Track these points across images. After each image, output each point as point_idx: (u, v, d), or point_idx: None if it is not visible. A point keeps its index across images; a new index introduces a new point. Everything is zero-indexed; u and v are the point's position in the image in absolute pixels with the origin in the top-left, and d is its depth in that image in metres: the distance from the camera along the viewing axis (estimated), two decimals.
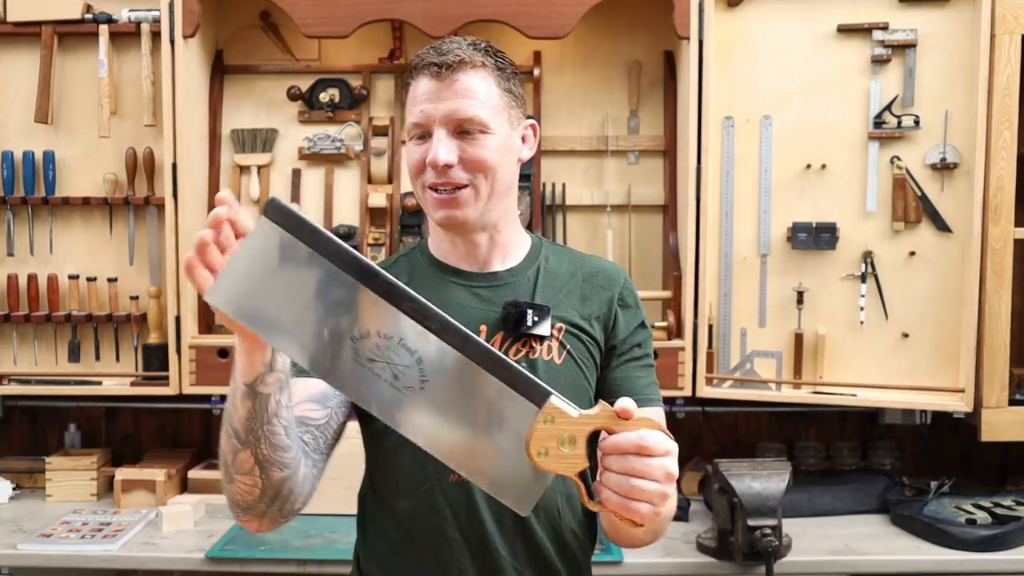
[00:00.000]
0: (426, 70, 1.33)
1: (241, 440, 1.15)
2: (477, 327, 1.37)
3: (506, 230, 1.44)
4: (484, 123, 1.33)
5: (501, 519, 1.36)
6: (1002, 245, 2.23)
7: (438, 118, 1.32)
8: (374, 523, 1.43)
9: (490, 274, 1.43)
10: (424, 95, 1.33)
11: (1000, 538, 2.16)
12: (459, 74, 1.32)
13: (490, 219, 1.39)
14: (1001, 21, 2.20)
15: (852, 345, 2.36)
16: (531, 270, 1.45)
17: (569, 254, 1.52)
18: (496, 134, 1.34)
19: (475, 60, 1.33)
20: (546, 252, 1.49)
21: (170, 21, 2.37)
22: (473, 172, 1.34)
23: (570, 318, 1.42)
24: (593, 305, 1.45)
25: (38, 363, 2.55)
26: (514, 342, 1.37)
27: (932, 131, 2.30)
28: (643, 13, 2.55)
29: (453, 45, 1.35)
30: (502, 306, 1.38)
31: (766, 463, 2.17)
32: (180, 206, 2.41)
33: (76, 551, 2.17)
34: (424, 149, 1.34)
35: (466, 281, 1.42)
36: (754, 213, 2.39)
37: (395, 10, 2.35)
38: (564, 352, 1.40)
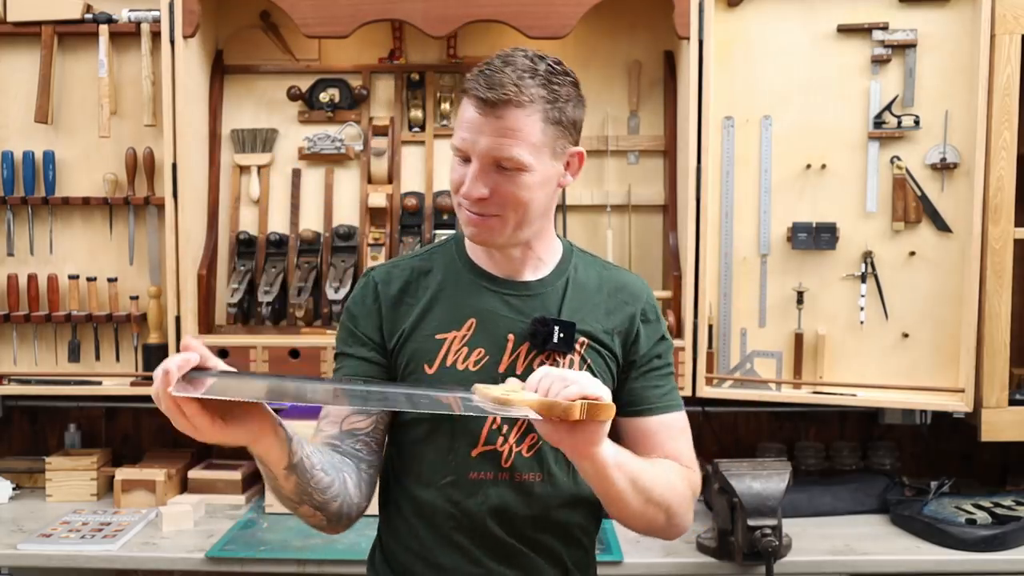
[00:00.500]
0: (474, 98, 1.33)
1: (295, 502, 1.29)
2: (505, 336, 1.43)
3: (538, 245, 1.47)
4: (522, 163, 1.33)
5: (513, 516, 1.43)
6: (1002, 245, 2.23)
7: (478, 152, 1.34)
8: (396, 504, 1.50)
9: (521, 283, 1.47)
10: (469, 122, 1.34)
11: (1000, 538, 2.16)
12: (503, 111, 1.31)
13: (521, 239, 1.43)
14: (1001, 21, 2.20)
15: (852, 345, 2.36)
16: (560, 281, 1.49)
17: (597, 265, 1.55)
18: (535, 172, 1.35)
19: (522, 98, 1.31)
20: (576, 262, 1.52)
21: (170, 21, 2.37)
22: (504, 207, 1.36)
23: (593, 332, 1.46)
24: (616, 319, 1.49)
25: (38, 363, 2.55)
26: (538, 355, 1.43)
27: (932, 131, 2.30)
28: (643, 13, 2.55)
29: (505, 76, 1.32)
30: (531, 320, 1.42)
31: (766, 463, 2.17)
32: (180, 206, 2.41)
33: (76, 551, 2.17)
34: (463, 172, 1.36)
35: (498, 288, 1.46)
36: (754, 213, 2.39)
37: (395, 10, 2.35)
38: (585, 366, 1.44)
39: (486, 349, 1.43)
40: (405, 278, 1.49)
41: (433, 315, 1.45)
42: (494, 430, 1.42)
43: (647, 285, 1.56)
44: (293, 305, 2.48)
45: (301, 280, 2.49)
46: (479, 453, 1.42)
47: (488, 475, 1.43)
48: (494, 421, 1.42)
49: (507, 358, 1.43)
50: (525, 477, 1.43)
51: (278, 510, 2.39)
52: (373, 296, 1.48)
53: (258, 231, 2.60)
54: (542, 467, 1.43)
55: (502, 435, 1.42)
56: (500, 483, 1.43)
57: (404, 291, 1.47)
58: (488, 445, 1.42)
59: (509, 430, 1.43)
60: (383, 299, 1.47)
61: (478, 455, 1.42)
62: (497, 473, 1.43)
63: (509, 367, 1.42)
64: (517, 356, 1.43)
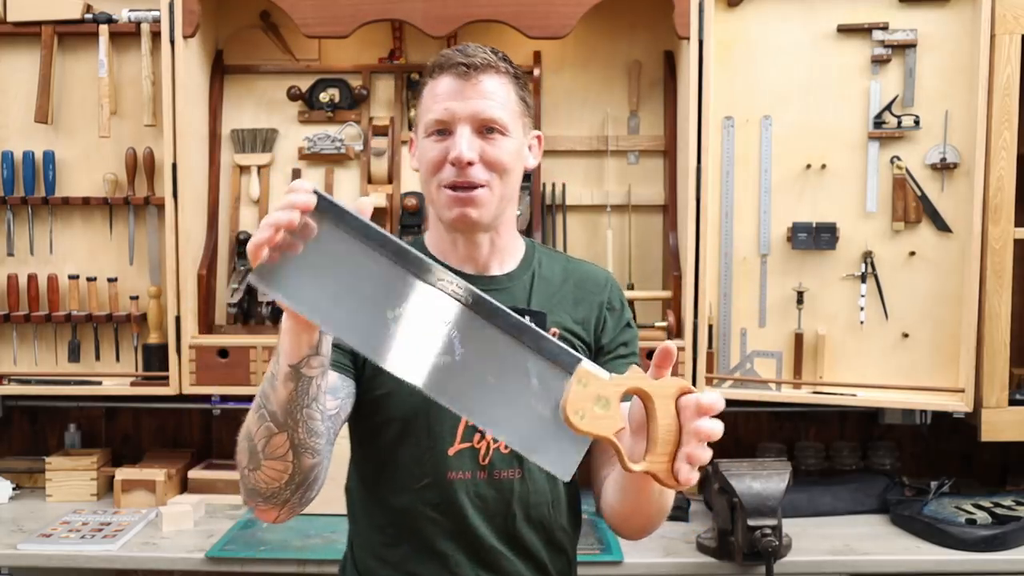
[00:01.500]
0: (452, 69, 1.36)
1: (279, 423, 1.16)
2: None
3: (505, 234, 1.47)
4: (505, 125, 1.37)
5: (494, 516, 1.41)
6: (1002, 245, 2.23)
7: (464, 116, 1.35)
8: (367, 515, 1.46)
9: (489, 278, 1.46)
10: (447, 93, 1.36)
11: (1000, 538, 2.16)
12: (483, 76, 1.36)
13: (498, 217, 1.42)
14: (1001, 21, 2.20)
15: (852, 345, 2.36)
16: (527, 275, 1.48)
17: (560, 259, 1.55)
18: (513, 138, 1.39)
19: (499, 66, 1.38)
20: (539, 256, 1.52)
21: (170, 21, 2.37)
22: (491, 172, 1.37)
23: (563, 323, 1.46)
24: (583, 310, 1.48)
25: (38, 363, 2.55)
26: None
27: (932, 131, 2.30)
28: (643, 13, 2.55)
29: (477, 49, 1.38)
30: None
31: (766, 463, 2.17)
32: (180, 206, 2.41)
33: (76, 551, 2.17)
34: (444, 146, 1.36)
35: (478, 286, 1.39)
36: (754, 213, 2.39)
37: (395, 10, 2.35)
38: None
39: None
40: None
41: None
42: (470, 427, 1.39)
43: (611, 275, 1.57)
44: None
45: None
46: (456, 451, 1.40)
47: (467, 474, 1.40)
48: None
49: None
50: (504, 474, 1.41)
51: None
52: None
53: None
54: (521, 463, 1.41)
55: (478, 432, 1.40)
56: (479, 482, 1.40)
57: None
58: (465, 442, 1.40)
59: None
60: None
61: (455, 453, 1.40)
62: (476, 472, 1.40)
63: None
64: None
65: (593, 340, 1.48)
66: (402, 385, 1.21)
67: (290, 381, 1.13)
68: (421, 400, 1.29)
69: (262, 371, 2.37)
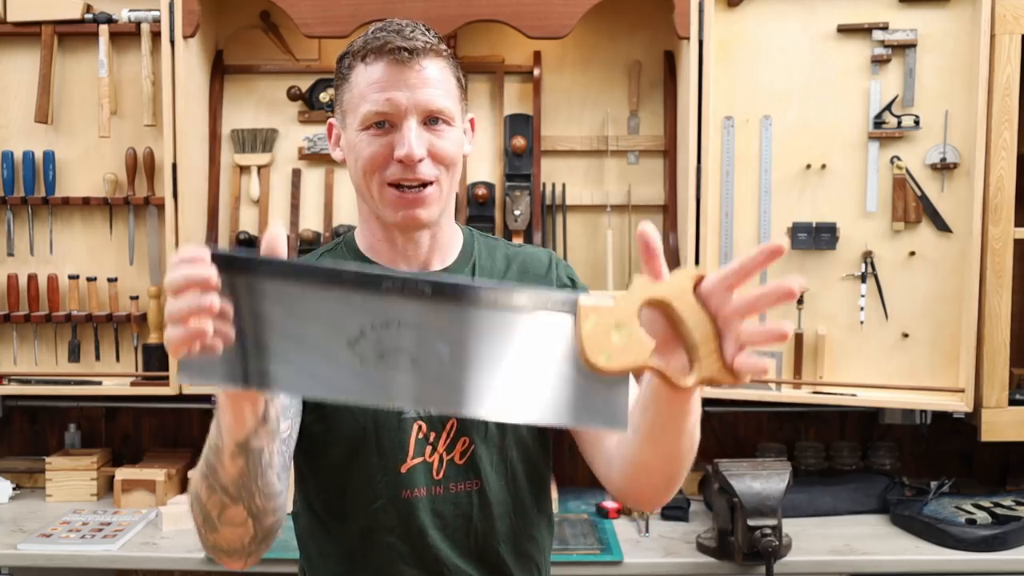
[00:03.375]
0: (389, 55, 1.22)
1: (231, 497, 1.07)
2: None
3: (447, 228, 1.36)
4: (451, 115, 1.26)
5: (454, 532, 1.31)
6: (1002, 245, 2.23)
7: (408, 108, 1.22)
8: (317, 546, 1.36)
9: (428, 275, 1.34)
10: (386, 81, 1.22)
11: (1000, 538, 2.16)
12: (424, 61, 1.23)
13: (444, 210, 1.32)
14: (1001, 21, 2.20)
15: (852, 345, 2.36)
16: (467, 268, 1.37)
17: (500, 246, 1.44)
18: (457, 127, 1.28)
19: (439, 48, 1.26)
20: (479, 246, 1.41)
21: (170, 21, 2.37)
22: (439, 166, 1.25)
23: None
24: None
25: (38, 363, 2.55)
26: None
27: (932, 131, 2.30)
28: (643, 13, 2.55)
29: (410, 29, 1.25)
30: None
31: (766, 463, 2.17)
32: (180, 206, 2.41)
33: (76, 551, 2.17)
34: (386, 141, 1.24)
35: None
36: (754, 213, 2.39)
37: (395, 10, 2.35)
38: None
39: None
40: None
41: None
42: (420, 439, 1.29)
43: (553, 253, 1.44)
44: None
45: None
46: (409, 467, 1.28)
47: (422, 491, 1.29)
48: (420, 429, 1.28)
49: None
50: (460, 487, 1.30)
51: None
52: None
53: (258, 231, 2.59)
54: (478, 474, 1.30)
55: (429, 444, 1.29)
56: (436, 498, 1.29)
57: None
58: (417, 457, 1.28)
59: (436, 438, 1.29)
60: None
61: (408, 470, 1.28)
62: (431, 487, 1.29)
63: None
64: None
65: None
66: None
67: (238, 458, 1.03)
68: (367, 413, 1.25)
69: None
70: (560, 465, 2.71)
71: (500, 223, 2.55)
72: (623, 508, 2.41)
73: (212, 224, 2.55)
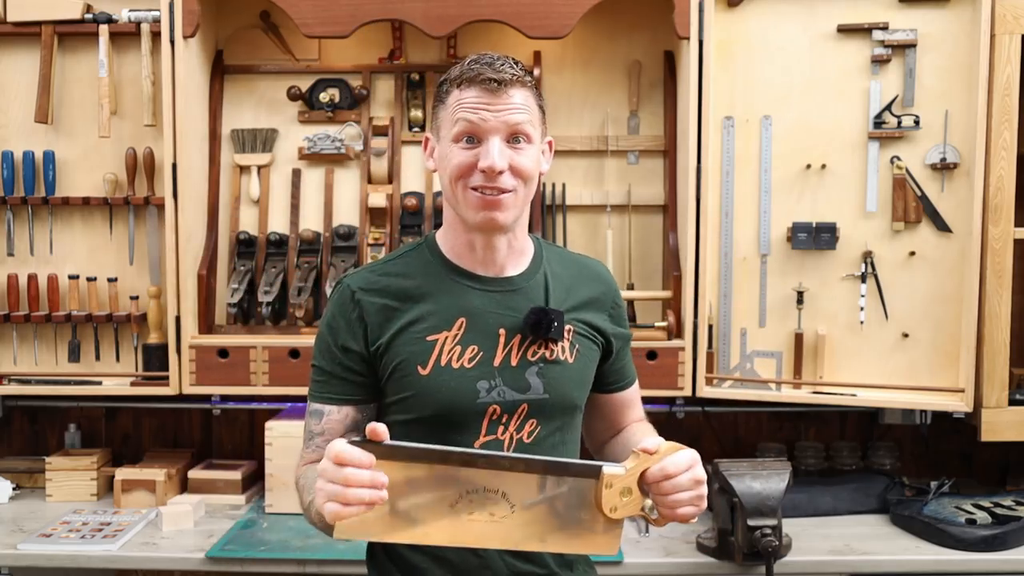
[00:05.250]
0: (481, 84, 1.42)
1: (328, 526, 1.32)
2: (497, 331, 1.49)
3: (521, 236, 1.55)
4: (530, 134, 1.45)
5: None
6: (1002, 245, 2.23)
7: (495, 126, 1.42)
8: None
9: (505, 279, 1.53)
10: (478, 104, 1.42)
11: (1000, 538, 2.16)
12: (512, 89, 1.43)
13: (521, 219, 1.51)
14: (1001, 21, 2.20)
15: (852, 345, 2.36)
16: (539, 274, 1.56)
17: (564, 256, 1.65)
18: (536, 146, 1.47)
19: (524, 80, 1.45)
20: (547, 255, 1.60)
21: (170, 21, 2.37)
22: (517, 179, 1.44)
23: (579, 319, 1.55)
24: (595, 307, 1.59)
25: (38, 363, 2.55)
26: (532, 344, 1.50)
27: (932, 131, 2.30)
28: (643, 13, 2.55)
29: (500, 63, 1.44)
30: (524, 312, 1.49)
31: (766, 463, 2.17)
32: (180, 206, 2.41)
33: (76, 551, 2.17)
34: (473, 153, 1.43)
35: (482, 286, 1.51)
36: (754, 213, 2.39)
37: (395, 10, 2.35)
38: (575, 351, 1.54)
39: (479, 346, 1.48)
40: (385, 284, 1.51)
41: (421, 318, 1.48)
42: (494, 420, 1.48)
43: (606, 269, 1.68)
44: (293, 305, 2.48)
45: (301, 280, 2.49)
46: (482, 444, 1.47)
47: None
48: (494, 412, 1.47)
49: (500, 352, 1.49)
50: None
51: (278, 510, 2.39)
52: (352, 305, 1.50)
53: (258, 231, 2.60)
54: (543, 452, 1.47)
55: (502, 424, 1.48)
56: None
57: (386, 297, 1.50)
58: (490, 435, 1.48)
59: (509, 419, 1.48)
60: (365, 307, 1.49)
61: (481, 446, 1.47)
62: None
63: (503, 360, 1.49)
64: (510, 349, 1.49)
65: (603, 338, 1.59)
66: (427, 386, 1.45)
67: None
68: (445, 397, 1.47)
69: (262, 371, 2.37)
70: None
71: None
72: None
73: (212, 224, 2.55)
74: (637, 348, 2.35)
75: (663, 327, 2.40)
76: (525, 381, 1.49)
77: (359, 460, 1.20)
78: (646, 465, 1.35)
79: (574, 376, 1.54)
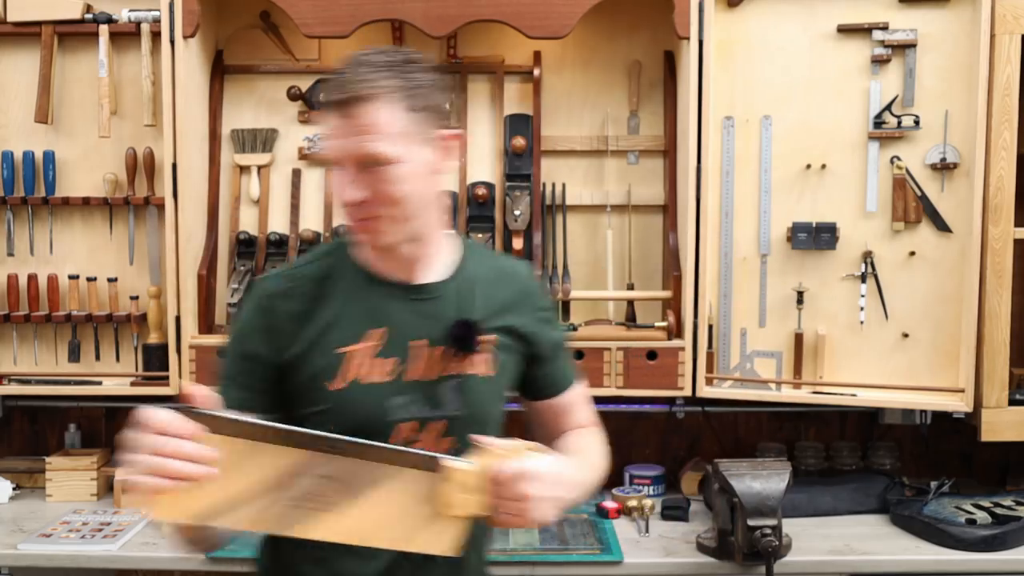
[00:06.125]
0: (335, 107, 1.33)
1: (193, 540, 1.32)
2: (412, 343, 1.41)
3: (431, 242, 1.44)
4: (387, 157, 1.31)
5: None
6: (1002, 245, 2.23)
7: (347, 156, 1.33)
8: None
9: (422, 286, 1.44)
10: (334, 130, 1.34)
11: (1000, 538, 2.16)
12: (359, 109, 1.31)
13: (410, 234, 1.39)
14: (1001, 21, 2.20)
15: (852, 345, 2.36)
16: (460, 279, 1.47)
17: (489, 259, 1.57)
18: (405, 163, 1.33)
19: (374, 91, 1.31)
20: (471, 259, 1.51)
21: (170, 21, 2.36)
22: (383, 206, 1.34)
23: (501, 326, 1.47)
24: (518, 311, 1.50)
25: (38, 363, 2.55)
26: (450, 356, 1.42)
27: (932, 131, 2.30)
28: (643, 13, 2.55)
29: (357, 75, 1.32)
30: (442, 321, 1.41)
31: (766, 463, 2.17)
32: (180, 206, 2.41)
33: (76, 551, 2.17)
34: (339, 181, 1.36)
35: (398, 294, 1.43)
36: (754, 213, 2.39)
37: (395, 10, 2.35)
38: (495, 363, 1.46)
39: (393, 359, 1.39)
40: (299, 290, 1.42)
41: (333, 328, 1.39)
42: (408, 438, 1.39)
43: (530, 268, 1.63)
44: None
45: None
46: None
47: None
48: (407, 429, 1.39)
49: (415, 365, 1.41)
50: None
51: None
52: (264, 312, 1.42)
53: (258, 231, 2.60)
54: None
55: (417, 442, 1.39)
56: None
57: (299, 303, 1.41)
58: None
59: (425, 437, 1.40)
60: (278, 314, 1.40)
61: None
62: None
63: (418, 374, 1.40)
64: (426, 362, 1.41)
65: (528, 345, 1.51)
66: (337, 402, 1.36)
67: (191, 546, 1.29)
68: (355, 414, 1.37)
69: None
70: None
71: (500, 223, 2.55)
72: (623, 508, 2.41)
73: (212, 224, 2.55)
74: (637, 348, 2.36)
75: (663, 327, 2.40)
76: (441, 396, 1.40)
77: (181, 430, 1.08)
78: (490, 463, 1.24)
79: (494, 390, 1.46)
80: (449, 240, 1.50)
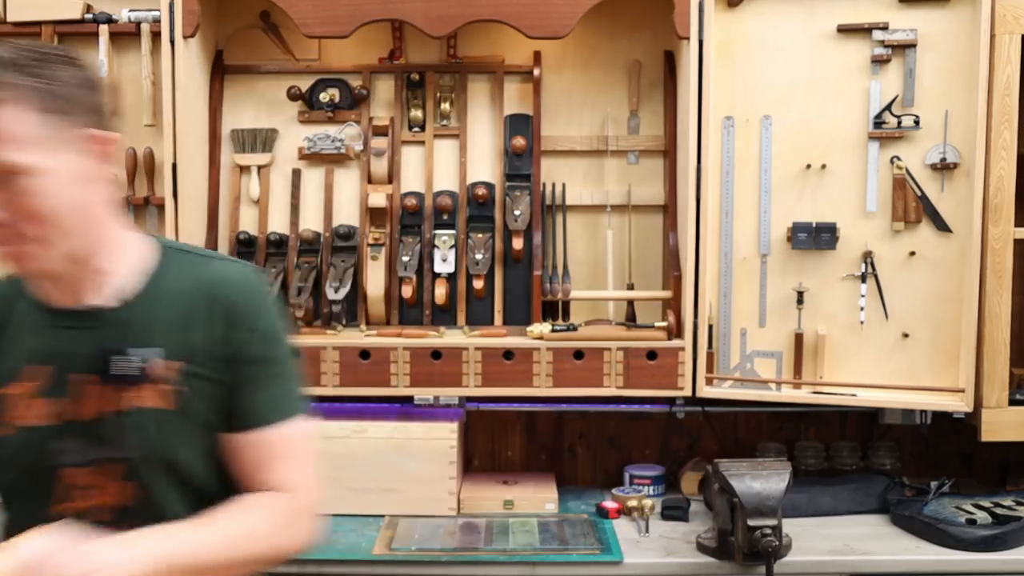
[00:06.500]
0: None
1: None
2: (74, 377, 1.23)
3: (103, 258, 1.25)
4: (18, 166, 1.12)
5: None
6: (1002, 245, 2.23)
7: None
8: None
9: (92, 313, 1.25)
10: None
11: (1000, 538, 2.16)
12: None
13: (76, 255, 1.21)
14: (1001, 21, 2.20)
15: (852, 345, 2.36)
16: (141, 298, 1.26)
17: (195, 266, 1.31)
18: (47, 172, 1.14)
19: (1, 92, 1.12)
20: (168, 267, 1.30)
21: (170, 21, 2.36)
22: (29, 225, 1.15)
23: (189, 351, 1.24)
24: (218, 331, 1.26)
25: None
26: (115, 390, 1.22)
27: (932, 131, 2.30)
28: (643, 13, 2.55)
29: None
30: (101, 354, 1.22)
31: (766, 463, 2.17)
32: (180, 206, 2.41)
33: None
34: None
35: (63, 322, 1.25)
36: (754, 213, 2.39)
37: (395, 10, 2.35)
38: (176, 396, 1.23)
39: (54, 397, 1.22)
40: None
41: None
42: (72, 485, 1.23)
43: (249, 273, 1.33)
44: (293, 305, 2.48)
45: (301, 280, 2.49)
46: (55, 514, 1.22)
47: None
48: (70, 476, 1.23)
49: (81, 402, 1.22)
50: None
51: None
52: None
53: (258, 231, 2.59)
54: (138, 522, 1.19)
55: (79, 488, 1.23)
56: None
57: None
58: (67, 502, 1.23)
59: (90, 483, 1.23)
60: None
61: (54, 516, 1.20)
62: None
63: (82, 412, 1.22)
64: (91, 398, 1.22)
65: (226, 367, 1.26)
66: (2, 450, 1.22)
67: None
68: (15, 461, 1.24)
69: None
70: (560, 465, 2.72)
71: (500, 223, 2.55)
72: (623, 508, 2.41)
73: (212, 224, 2.55)
74: (637, 348, 2.35)
75: (663, 327, 2.40)
76: (109, 436, 1.20)
77: None
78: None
79: (175, 427, 1.22)
80: (141, 250, 1.30)
